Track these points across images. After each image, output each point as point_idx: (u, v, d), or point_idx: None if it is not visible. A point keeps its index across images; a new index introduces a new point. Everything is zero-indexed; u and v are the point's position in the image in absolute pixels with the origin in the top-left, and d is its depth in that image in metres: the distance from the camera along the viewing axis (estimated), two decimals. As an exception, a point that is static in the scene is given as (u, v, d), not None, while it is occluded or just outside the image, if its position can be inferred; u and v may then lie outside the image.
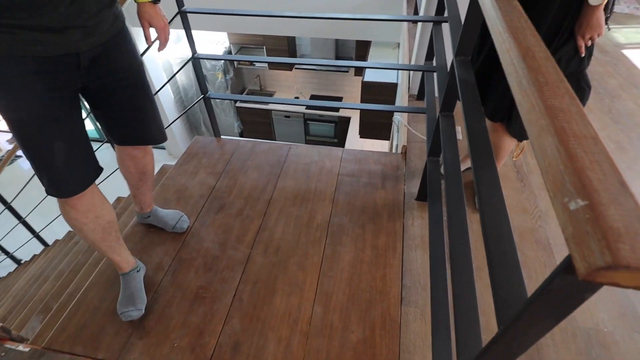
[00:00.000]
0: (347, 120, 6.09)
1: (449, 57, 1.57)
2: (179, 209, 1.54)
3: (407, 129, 1.93)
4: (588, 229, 0.29)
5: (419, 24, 2.12)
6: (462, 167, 1.42)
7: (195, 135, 2.02)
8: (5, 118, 0.86)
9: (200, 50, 1.66)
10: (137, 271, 1.25)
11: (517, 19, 0.62)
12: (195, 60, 1.68)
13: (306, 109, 6.23)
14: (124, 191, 2.38)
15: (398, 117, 2.12)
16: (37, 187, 2.53)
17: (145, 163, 1.26)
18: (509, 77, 0.52)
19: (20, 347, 1.14)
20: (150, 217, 1.44)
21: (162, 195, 1.64)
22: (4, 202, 2.77)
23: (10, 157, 2.29)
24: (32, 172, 1.00)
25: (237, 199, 1.62)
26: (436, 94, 1.87)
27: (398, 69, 2.06)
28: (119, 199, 2.78)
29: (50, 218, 2.89)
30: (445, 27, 1.64)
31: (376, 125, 4.44)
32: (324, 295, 1.25)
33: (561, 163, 0.35)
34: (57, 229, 3.20)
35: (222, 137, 2.01)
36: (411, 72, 2.35)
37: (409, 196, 1.58)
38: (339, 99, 6.51)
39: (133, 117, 1.10)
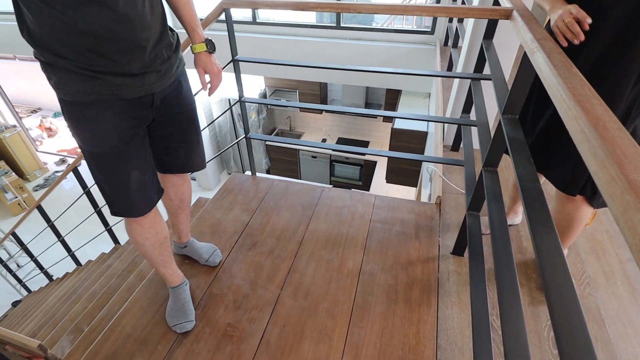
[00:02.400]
0: (373, 164, 6.14)
1: (490, 112, 1.59)
2: (214, 243, 1.56)
3: (441, 180, 1.92)
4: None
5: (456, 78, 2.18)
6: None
7: (233, 172, 2.08)
8: (88, 152, 0.94)
9: (237, 91, 1.77)
10: (186, 285, 1.33)
11: (580, 87, 0.64)
12: (242, 104, 1.78)
13: (334, 150, 6.35)
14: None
15: (431, 167, 2.12)
16: (76, 209, 2.66)
17: (183, 190, 1.33)
18: (579, 145, 0.52)
19: (49, 371, 1.14)
20: (186, 247, 1.47)
21: (198, 228, 1.68)
22: (47, 220, 2.90)
23: (61, 179, 2.43)
24: (73, 193, 1.07)
25: (269, 238, 1.63)
26: (474, 146, 1.88)
27: (438, 121, 2.10)
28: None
29: (85, 239, 3.00)
30: (485, 83, 1.69)
31: (403, 172, 4.44)
32: (353, 347, 1.19)
33: (656, 241, 0.34)
34: (90, 251, 3.30)
35: (257, 174, 2.06)
36: (446, 124, 2.38)
37: (444, 249, 1.54)
38: (366, 143, 6.62)
39: (182, 148, 1.17)
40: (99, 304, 1.79)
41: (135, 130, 0.98)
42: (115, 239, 3.00)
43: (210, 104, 5.74)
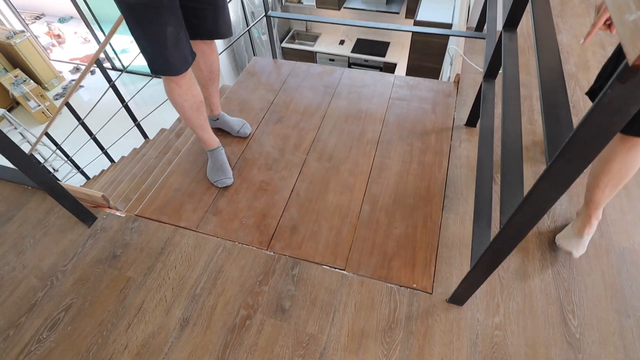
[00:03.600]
0: (393, 66, 5.91)
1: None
2: (242, 118, 1.69)
3: (462, 59, 1.91)
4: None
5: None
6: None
7: (254, 57, 2.11)
8: (125, 4, 1.00)
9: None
10: (222, 149, 1.49)
11: None
12: (261, -24, 1.73)
13: (351, 52, 6.09)
14: (168, 123, 2.65)
15: (454, 47, 2.09)
16: (96, 117, 2.78)
17: (212, 60, 1.41)
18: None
19: (118, 213, 1.38)
20: (218, 120, 1.61)
21: (227, 107, 1.79)
22: (78, 118, 3.08)
23: (77, 85, 2.53)
24: (92, 104, 1.14)
25: (293, 114, 1.74)
26: (498, 27, 1.82)
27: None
28: (162, 130, 3.01)
29: (115, 138, 3.20)
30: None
31: (424, 70, 4.31)
32: (371, 197, 1.38)
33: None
34: (120, 151, 3.53)
35: (278, 59, 2.09)
36: (471, 5, 2.26)
37: (458, 121, 1.63)
38: (387, 44, 6.27)
39: (209, 11, 1.22)
40: (142, 180, 2.02)
41: None
42: (144, 134, 3.19)
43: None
